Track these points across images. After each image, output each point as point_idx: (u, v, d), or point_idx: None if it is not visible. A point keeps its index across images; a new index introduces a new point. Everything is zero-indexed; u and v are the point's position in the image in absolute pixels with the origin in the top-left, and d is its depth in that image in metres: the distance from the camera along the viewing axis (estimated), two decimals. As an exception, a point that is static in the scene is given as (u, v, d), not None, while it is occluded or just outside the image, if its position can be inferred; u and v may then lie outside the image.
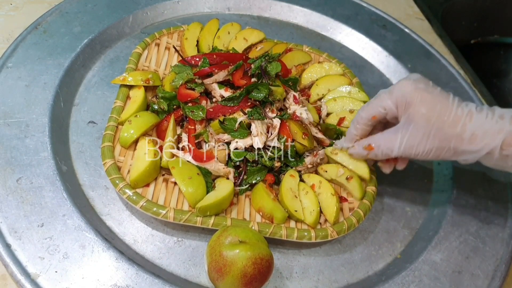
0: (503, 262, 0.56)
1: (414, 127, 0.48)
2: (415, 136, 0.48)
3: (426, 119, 0.47)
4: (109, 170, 0.52)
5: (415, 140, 0.48)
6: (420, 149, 0.49)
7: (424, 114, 0.48)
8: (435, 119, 0.47)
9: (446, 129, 0.47)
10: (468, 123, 0.47)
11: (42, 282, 0.45)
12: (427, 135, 0.48)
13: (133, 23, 0.73)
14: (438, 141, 0.48)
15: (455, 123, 0.47)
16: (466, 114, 0.47)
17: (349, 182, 0.56)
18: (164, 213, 0.50)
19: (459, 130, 0.47)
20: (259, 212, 0.54)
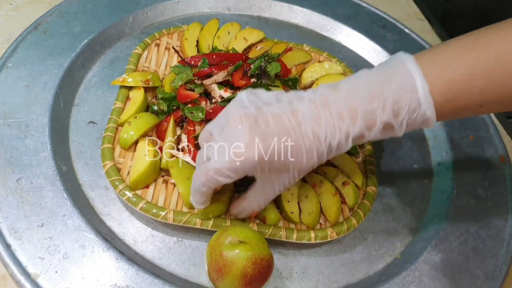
0: (503, 262, 0.56)
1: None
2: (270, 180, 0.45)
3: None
4: (109, 171, 0.52)
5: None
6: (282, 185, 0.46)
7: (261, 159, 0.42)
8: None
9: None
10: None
11: (42, 282, 0.45)
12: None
13: (133, 23, 0.73)
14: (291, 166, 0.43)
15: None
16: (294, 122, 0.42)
17: (344, 187, 0.56)
18: (164, 215, 0.50)
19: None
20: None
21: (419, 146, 0.70)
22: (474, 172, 0.65)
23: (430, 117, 0.41)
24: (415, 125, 0.42)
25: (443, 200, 0.62)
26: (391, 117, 0.41)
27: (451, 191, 0.63)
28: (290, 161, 0.42)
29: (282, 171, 0.44)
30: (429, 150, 0.70)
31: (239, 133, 0.41)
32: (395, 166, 0.66)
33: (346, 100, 0.42)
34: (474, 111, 0.43)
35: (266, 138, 0.41)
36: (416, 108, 0.41)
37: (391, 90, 0.41)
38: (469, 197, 0.62)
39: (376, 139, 0.44)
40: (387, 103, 0.41)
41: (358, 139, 0.43)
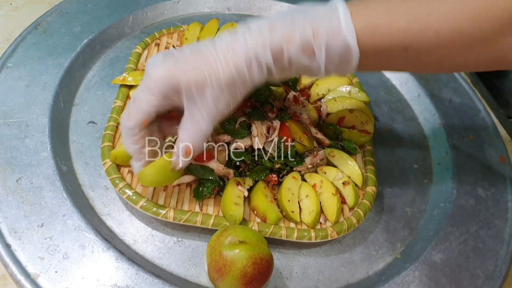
0: (503, 262, 0.56)
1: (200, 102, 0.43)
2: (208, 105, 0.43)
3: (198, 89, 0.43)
4: (109, 170, 0.52)
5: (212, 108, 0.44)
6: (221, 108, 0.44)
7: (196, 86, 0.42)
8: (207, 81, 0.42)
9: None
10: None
11: (42, 282, 0.45)
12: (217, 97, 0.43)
13: (133, 23, 0.73)
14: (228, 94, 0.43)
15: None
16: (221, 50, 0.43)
17: (344, 187, 0.56)
18: (164, 213, 0.50)
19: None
20: (253, 210, 0.54)
21: (419, 146, 0.70)
22: (474, 172, 0.65)
23: (351, 44, 0.40)
24: (337, 55, 0.41)
25: (443, 200, 0.62)
26: (310, 35, 0.40)
27: (451, 191, 0.63)
28: (207, 78, 0.42)
29: (200, 84, 0.42)
30: (429, 150, 0.69)
31: (154, 59, 0.44)
32: (395, 166, 0.66)
33: (268, 20, 0.42)
34: (399, 56, 0.42)
35: (177, 59, 0.43)
36: (336, 30, 0.40)
37: (313, 13, 0.41)
38: (469, 197, 0.62)
39: (299, 64, 0.42)
40: (307, 21, 0.41)
41: (277, 54, 0.42)
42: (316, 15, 0.41)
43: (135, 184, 0.53)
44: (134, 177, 0.54)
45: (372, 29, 0.40)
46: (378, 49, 0.41)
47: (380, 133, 0.69)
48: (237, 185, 0.53)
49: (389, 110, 0.73)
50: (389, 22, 0.40)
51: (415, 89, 0.75)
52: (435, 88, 0.75)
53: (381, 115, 0.72)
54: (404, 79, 0.77)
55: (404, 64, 0.45)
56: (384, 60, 0.43)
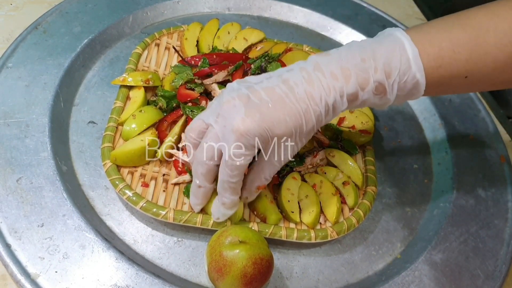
0: (503, 262, 0.56)
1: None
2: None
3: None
4: (109, 171, 0.52)
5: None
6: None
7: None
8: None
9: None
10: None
11: (42, 282, 0.45)
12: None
13: (133, 23, 0.73)
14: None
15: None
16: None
17: (345, 187, 0.56)
18: (164, 214, 0.50)
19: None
20: (253, 211, 0.54)
21: (419, 146, 0.70)
22: (474, 172, 0.65)
23: (420, 81, 0.43)
24: (405, 90, 0.44)
25: (443, 200, 0.62)
26: (384, 77, 0.43)
27: (451, 191, 0.63)
28: (290, 126, 0.43)
29: (286, 140, 0.44)
30: (429, 150, 0.69)
31: (235, 111, 0.42)
32: (395, 166, 0.66)
33: (339, 62, 0.43)
34: (459, 83, 0.45)
35: (261, 109, 0.42)
36: (407, 70, 0.43)
37: (382, 53, 0.43)
38: (469, 197, 0.62)
39: (369, 103, 0.45)
40: (379, 63, 0.43)
41: (352, 99, 0.44)
42: (385, 55, 0.43)
43: (135, 185, 0.53)
44: (134, 178, 0.54)
45: (437, 63, 0.43)
46: (441, 79, 0.44)
47: (380, 133, 0.69)
48: None
49: (389, 110, 0.73)
50: (453, 55, 0.43)
51: (415, 89, 0.75)
52: (435, 88, 0.75)
53: (381, 115, 0.72)
54: (404, 79, 0.77)
55: (462, 89, 0.48)
56: (445, 87, 0.46)
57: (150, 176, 0.55)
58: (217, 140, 0.44)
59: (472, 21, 0.43)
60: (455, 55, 0.43)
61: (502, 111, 0.76)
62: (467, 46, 0.43)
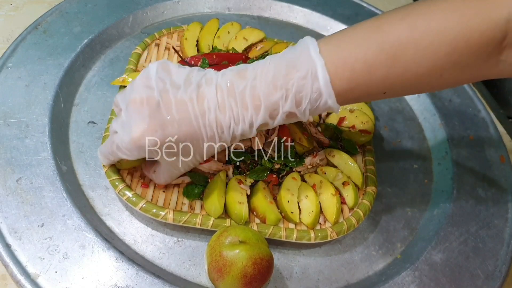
0: (503, 262, 0.56)
1: None
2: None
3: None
4: (108, 171, 0.52)
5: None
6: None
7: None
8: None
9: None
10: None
11: (42, 282, 0.45)
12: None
13: (133, 23, 0.73)
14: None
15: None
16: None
17: (344, 187, 0.56)
18: (164, 215, 0.50)
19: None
20: (253, 211, 0.54)
21: (419, 146, 0.70)
22: (474, 172, 0.65)
23: (332, 105, 0.42)
24: (318, 111, 0.44)
25: (443, 200, 0.62)
26: (293, 107, 0.42)
27: (451, 191, 0.63)
28: (190, 147, 0.44)
29: (182, 156, 0.45)
30: (429, 150, 0.69)
31: (138, 118, 0.42)
32: (395, 166, 0.66)
33: (251, 89, 0.42)
34: (377, 97, 0.45)
35: (165, 127, 0.42)
36: (318, 98, 0.42)
37: (293, 81, 0.41)
38: (469, 197, 0.62)
39: (281, 123, 0.45)
40: (290, 93, 0.41)
41: (262, 127, 0.44)
42: (297, 85, 0.41)
43: (135, 185, 0.53)
44: (133, 179, 0.54)
45: (351, 86, 0.42)
46: (357, 98, 0.44)
47: (380, 133, 0.69)
48: (239, 183, 0.53)
49: (389, 110, 0.73)
50: (368, 76, 0.41)
51: (415, 89, 0.75)
52: (435, 88, 0.75)
53: (381, 115, 0.72)
54: (404, 79, 0.77)
55: (382, 98, 0.46)
56: (363, 101, 0.47)
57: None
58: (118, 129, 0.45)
59: (389, 37, 0.40)
60: (370, 76, 0.41)
61: (502, 111, 0.76)
62: (383, 65, 0.40)
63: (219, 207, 0.51)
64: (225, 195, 0.52)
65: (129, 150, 0.44)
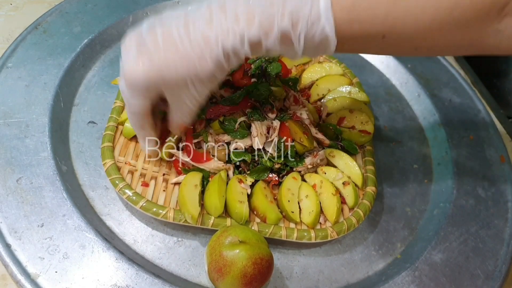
0: (503, 262, 0.56)
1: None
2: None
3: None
4: (109, 170, 0.52)
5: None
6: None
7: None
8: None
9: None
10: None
11: (42, 282, 0.45)
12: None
13: (133, 23, 0.73)
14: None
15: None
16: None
17: (345, 187, 0.56)
18: (164, 213, 0.50)
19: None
20: (253, 211, 0.54)
21: (419, 146, 0.70)
22: (474, 172, 0.65)
23: (329, 34, 0.40)
24: (314, 43, 0.41)
25: (443, 200, 0.62)
26: (289, 26, 0.40)
27: (451, 191, 0.63)
28: (184, 74, 0.42)
29: (181, 84, 0.43)
30: (429, 150, 0.70)
31: (127, 56, 0.42)
32: (395, 166, 0.66)
33: (245, 4, 0.40)
34: (376, 43, 0.42)
35: (151, 56, 0.41)
36: (315, 21, 0.39)
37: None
38: (469, 197, 0.62)
39: (276, 52, 0.42)
40: (287, 10, 0.39)
41: (255, 46, 0.41)
42: (295, 2, 0.39)
43: (135, 184, 0.53)
44: (134, 178, 0.54)
45: (351, 18, 0.40)
46: (356, 36, 0.41)
47: (380, 133, 0.69)
48: (239, 182, 0.53)
49: (389, 110, 0.73)
50: (369, 10, 0.40)
51: (415, 89, 0.75)
52: (435, 88, 0.75)
53: (381, 115, 0.72)
54: (404, 79, 0.77)
55: (380, 49, 0.45)
56: (361, 45, 0.44)
57: (150, 176, 0.55)
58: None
59: None
60: (371, 10, 0.39)
61: (502, 111, 0.76)
62: (385, 3, 0.39)
63: (219, 206, 0.51)
64: (226, 195, 0.52)
65: (127, 91, 0.44)
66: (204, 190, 0.53)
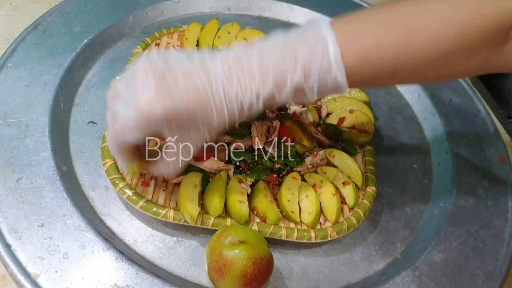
0: (503, 262, 0.56)
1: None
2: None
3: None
4: (109, 170, 0.52)
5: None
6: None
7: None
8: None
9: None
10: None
11: (42, 282, 0.45)
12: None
13: (133, 23, 0.73)
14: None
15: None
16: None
17: (344, 187, 0.56)
18: (164, 213, 0.50)
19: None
20: (253, 211, 0.54)
21: (419, 146, 0.70)
22: (474, 172, 0.65)
23: (341, 82, 0.41)
24: (327, 90, 0.42)
25: (443, 200, 0.62)
26: (302, 80, 0.41)
27: (451, 191, 0.63)
28: (199, 120, 0.41)
29: (191, 130, 0.42)
30: (429, 150, 0.69)
31: (144, 88, 0.39)
32: (395, 166, 0.66)
33: (259, 60, 0.41)
34: (387, 80, 0.44)
35: (173, 94, 0.39)
36: (327, 72, 0.40)
37: (303, 52, 0.40)
38: (469, 197, 0.62)
39: (289, 102, 0.43)
40: (298, 64, 0.40)
41: (269, 100, 0.42)
42: (307, 56, 0.40)
43: (135, 184, 0.53)
44: (134, 178, 0.54)
45: (361, 63, 0.41)
46: (367, 78, 0.42)
47: (380, 133, 0.69)
48: (239, 182, 0.53)
49: (389, 110, 0.73)
50: (379, 53, 0.41)
51: (415, 89, 0.75)
52: (435, 88, 0.75)
53: (381, 115, 0.72)
54: (404, 79, 0.77)
55: (391, 84, 0.46)
56: (373, 84, 0.45)
57: (150, 176, 0.55)
58: (121, 106, 0.42)
59: (401, 18, 0.41)
60: (380, 53, 0.41)
61: (502, 111, 0.76)
62: (394, 44, 0.40)
63: (219, 206, 0.51)
64: (226, 195, 0.52)
65: (137, 126, 0.40)
66: (204, 190, 0.53)
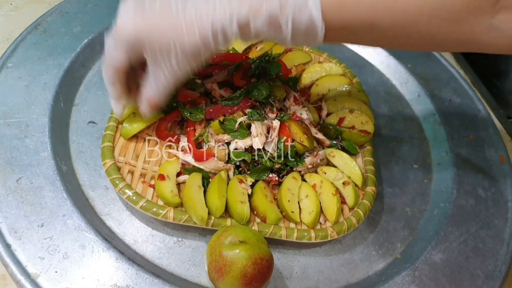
0: (503, 262, 0.56)
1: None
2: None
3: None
4: (109, 170, 0.52)
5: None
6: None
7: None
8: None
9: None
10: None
11: (42, 282, 0.45)
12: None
13: (133, 23, 0.73)
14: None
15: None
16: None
17: (345, 187, 0.56)
18: (164, 213, 0.50)
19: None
20: (253, 211, 0.54)
21: (419, 146, 0.70)
22: (474, 172, 0.65)
23: (316, 20, 0.40)
24: (302, 28, 0.41)
25: (443, 200, 0.62)
26: (278, 9, 0.40)
27: (451, 191, 0.63)
28: (170, 38, 0.42)
29: (165, 49, 0.43)
30: (429, 150, 0.70)
31: (123, 11, 0.44)
32: (395, 166, 0.66)
33: None
34: (364, 33, 0.43)
35: (146, 14, 0.43)
36: (303, 6, 0.40)
37: None
38: (469, 197, 0.62)
39: (265, 36, 0.43)
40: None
41: (243, 27, 0.42)
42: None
43: (135, 184, 0.53)
44: (134, 178, 0.54)
45: (338, 5, 0.40)
46: (344, 24, 0.41)
47: (380, 133, 0.69)
48: (240, 182, 0.53)
49: (389, 110, 0.73)
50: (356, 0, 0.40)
51: (415, 89, 0.75)
52: (435, 88, 0.75)
53: (381, 115, 0.72)
54: (404, 79, 0.77)
55: (369, 40, 0.45)
56: (350, 35, 0.44)
57: (150, 176, 0.55)
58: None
59: None
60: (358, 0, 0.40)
61: (502, 111, 0.76)
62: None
63: (220, 206, 0.51)
64: (227, 195, 0.52)
65: (116, 45, 0.45)
66: (205, 190, 0.53)
